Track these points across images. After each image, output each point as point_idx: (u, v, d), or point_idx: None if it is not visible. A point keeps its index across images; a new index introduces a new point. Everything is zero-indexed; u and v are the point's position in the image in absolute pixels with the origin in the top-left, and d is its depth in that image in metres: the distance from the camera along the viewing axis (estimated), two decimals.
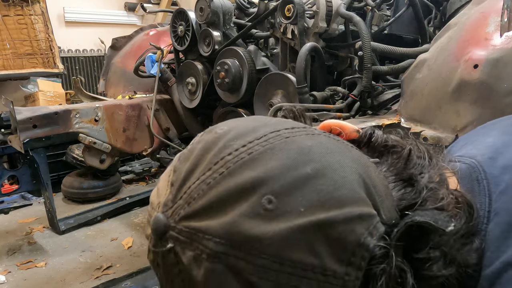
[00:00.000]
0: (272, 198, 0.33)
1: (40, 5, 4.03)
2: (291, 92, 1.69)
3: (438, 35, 1.26)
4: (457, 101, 1.10)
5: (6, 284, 2.24)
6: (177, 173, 0.38)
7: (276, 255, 0.32)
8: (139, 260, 2.46)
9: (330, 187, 0.35)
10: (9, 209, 2.61)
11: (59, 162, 3.56)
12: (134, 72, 2.42)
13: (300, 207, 0.33)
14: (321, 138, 0.40)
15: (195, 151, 0.38)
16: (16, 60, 3.96)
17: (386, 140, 0.47)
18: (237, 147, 0.36)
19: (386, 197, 0.39)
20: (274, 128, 0.39)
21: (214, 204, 0.34)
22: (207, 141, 0.38)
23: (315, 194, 0.34)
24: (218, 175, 0.35)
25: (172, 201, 0.36)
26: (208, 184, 0.35)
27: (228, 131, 0.39)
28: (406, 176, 0.42)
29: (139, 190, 3.77)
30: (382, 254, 0.35)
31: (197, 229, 0.34)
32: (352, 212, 0.34)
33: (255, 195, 0.33)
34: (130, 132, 2.21)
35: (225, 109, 2.05)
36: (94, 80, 4.87)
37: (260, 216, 0.33)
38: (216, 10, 1.97)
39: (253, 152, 0.36)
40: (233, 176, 0.34)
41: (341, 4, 1.69)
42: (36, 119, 1.84)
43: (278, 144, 0.37)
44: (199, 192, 0.35)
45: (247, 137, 0.37)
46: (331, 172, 0.36)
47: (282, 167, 0.35)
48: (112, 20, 5.19)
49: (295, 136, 0.38)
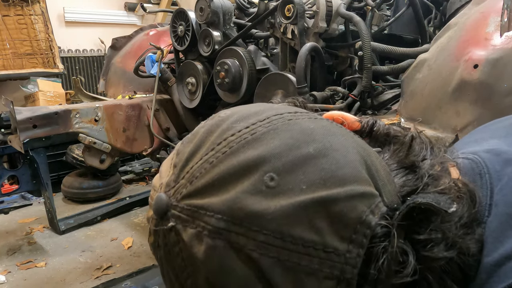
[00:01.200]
0: (274, 176, 0.33)
1: (40, 5, 4.03)
2: (291, 92, 1.69)
3: (438, 35, 1.26)
4: (457, 101, 1.10)
5: (6, 284, 2.24)
6: (180, 155, 0.38)
7: (277, 231, 0.32)
8: (139, 260, 2.46)
9: (333, 166, 0.35)
10: (9, 209, 2.61)
11: (59, 162, 3.56)
12: (134, 72, 2.42)
13: (302, 185, 0.33)
14: (324, 122, 0.41)
15: (198, 134, 0.39)
16: (16, 60, 3.96)
17: (388, 130, 0.47)
18: (240, 128, 0.37)
19: (389, 183, 0.39)
20: (277, 111, 0.39)
21: (216, 182, 0.34)
22: (210, 124, 0.39)
23: (317, 172, 0.34)
24: (221, 154, 0.35)
25: (174, 181, 0.36)
26: (211, 163, 0.35)
27: (231, 115, 0.39)
28: (408, 163, 0.42)
29: (139, 190, 3.77)
30: (384, 233, 0.35)
31: (199, 207, 0.34)
32: (354, 189, 0.35)
33: (257, 173, 0.33)
34: (130, 132, 2.21)
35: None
36: (94, 80, 4.87)
37: (262, 193, 0.33)
38: (216, 10, 1.97)
39: (256, 132, 0.36)
40: (235, 155, 0.35)
41: (341, 4, 1.69)
42: (36, 119, 1.84)
43: (280, 126, 0.37)
44: (202, 171, 0.35)
45: (250, 119, 0.38)
46: (333, 152, 0.36)
47: (284, 146, 0.35)
48: (112, 20, 5.19)
49: (298, 119, 0.39)
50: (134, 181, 4.05)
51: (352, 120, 0.49)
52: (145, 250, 2.60)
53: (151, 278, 2.15)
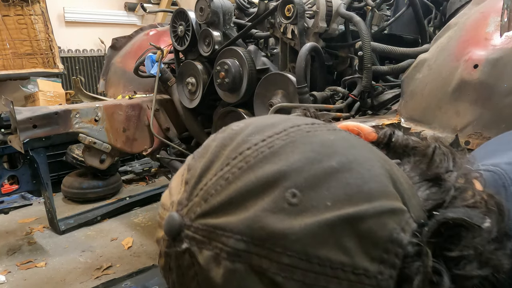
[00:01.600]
0: (296, 192, 0.31)
1: (40, 5, 4.03)
2: (291, 92, 1.69)
3: (438, 35, 1.26)
4: (457, 101, 1.10)
5: (6, 284, 2.25)
6: (192, 171, 0.35)
7: (303, 252, 0.30)
8: (139, 260, 2.46)
9: (358, 180, 0.33)
10: (9, 209, 2.62)
11: (59, 162, 3.56)
12: (134, 72, 2.42)
13: (326, 201, 0.31)
14: (343, 133, 0.39)
15: (211, 148, 0.36)
16: (16, 60, 3.96)
17: (406, 141, 0.45)
18: (256, 141, 0.34)
19: (413, 197, 0.37)
20: (294, 123, 0.37)
21: (234, 200, 0.32)
22: (223, 137, 0.37)
23: (341, 187, 0.32)
24: (237, 169, 0.33)
25: (187, 199, 0.34)
26: (227, 179, 0.33)
27: (245, 127, 0.37)
28: (431, 175, 0.40)
29: (139, 190, 3.78)
30: (416, 251, 0.33)
31: (215, 226, 0.31)
32: (383, 205, 0.32)
33: (278, 189, 0.31)
34: (130, 132, 2.21)
35: (225, 109, 2.05)
36: (94, 80, 4.87)
37: (284, 210, 0.31)
38: (216, 10, 1.97)
39: (273, 146, 0.34)
40: (253, 170, 0.32)
41: (341, 4, 1.69)
42: (36, 119, 1.84)
43: (299, 138, 0.35)
44: (217, 188, 0.33)
45: (266, 132, 0.35)
46: (357, 165, 0.34)
47: (305, 160, 0.33)
48: (112, 20, 5.19)
49: (317, 131, 0.37)
50: (134, 181, 4.05)
51: (368, 131, 0.47)
52: (145, 250, 2.61)
53: (151, 278, 2.15)
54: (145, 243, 2.69)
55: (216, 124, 2.12)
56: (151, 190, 3.68)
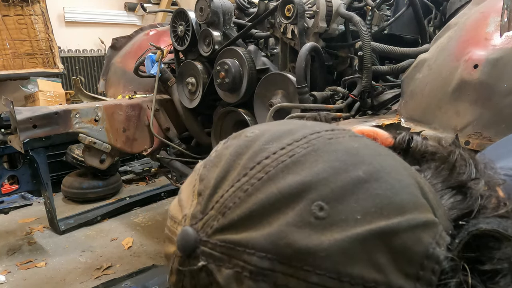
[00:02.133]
0: (323, 205, 0.29)
1: (40, 5, 4.03)
2: (291, 92, 1.69)
3: (438, 35, 1.26)
4: (457, 101, 1.10)
5: (6, 284, 2.25)
6: (205, 181, 0.33)
7: (333, 270, 0.28)
8: (139, 260, 2.46)
9: (388, 191, 0.31)
10: (9, 209, 2.62)
11: (59, 162, 3.56)
12: (134, 72, 2.42)
13: (356, 214, 0.29)
14: (366, 140, 0.36)
15: (225, 157, 0.34)
16: (16, 60, 3.96)
17: (426, 146, 0.43)
18: (275, 149, 0.32)
19: (439, 206, 0.35)
20: (313, 129, 0.35)
21: (255, 213, 0.29)
22: (238, 145, 0.34)
23: (371, 199, 0.30)
24: (256, 180, 0.30)
25: (201, 212, 0.31)
26: (246, 191, 0.30)
27: (261, 134, 0.34)
28: (455, 183, 0.38)
29: (139, 190, 3.78)
30: (452, 267, 0.31)
31: (236, 243, 0.29)
32: (416, 218, 0.30)
33: (303, 202, 0.29)
34: (130, 132, 2.21)
35: (225, 109, 2.05)
36: (94, 80, 4.87)
37: (311, 225, 0.28)
38: (216, 10, 1.97)
39: (294, 154, 0.31)
40: (274, 182, 0.30)
41: (341, 4, 1.69)
42: (36, 119, 1.84)
43: (321, 146, 0.32)
44: (235, 201, 0.30)
45: (284, 140, 0.33)
46: (385, 175, 0.32)
47: (331, 170, 0.31)
48: (112, 20, 5.19)
49: (339, 138, 0.34)
50: (134, 181, 4.06)
51: (385, 136, 0.44)
52: (145, 250, 2.61)
53: (151, 278, 2.15)
54: (145, 243, 2.69)
55: (216, 124, 2.12)
56: (151, 190, 3.69)
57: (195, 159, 2.33)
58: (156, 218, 3.14)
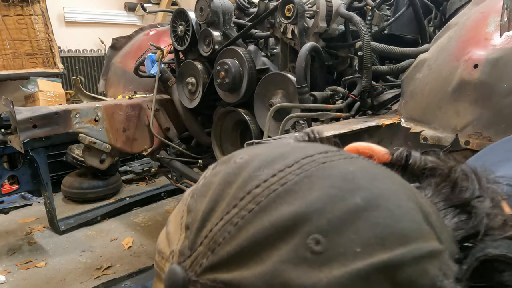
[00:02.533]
0: (320, 238, 0.27)
1: (40, 5, 4.03)
2: (291, 92, 1.69)
3: (438, 35, 1.26)
4: (457, 101, 1.10)
5: (6, 284, 2.25)
6: (193, 213, 0.31)
7: None
8: (139, 260, 2.46)
9: (388, 219, 0.28)
10: (9, 209, 2.62)
11: (59, 162, 3.56)
12: (134, 72, 2.42)
13: (355, 247, 0.27)
14: (361, 162, 0.34)
15: (213, 185, 0.31)
16: (16, 60, 3.96)
17: (425, 162, 0.40)
18: (266, 177, 0.30)
19: (443, 228, 0.33)
20: (305, 153, 0.32)
21: (246, 250, 0.27)
22: (227, 173, 0.32)
23: (371, 229, 0.28)
24: (246, 212, 0.28)
25: (189, 248, 0.29)
26: (236, 224, 0.28)
27: (250, 160, 0.32)
28: (457, 201, 0.36)
29: (139, 190, 3.78)
30: None
31: (227, 283, 0.27)
32: (420, 248, 0.28)
33: (298, 235, 0.27)
34: (130, 132, 2.21)
35: (225, 109, 2.05)
36: (94, 80, 4.87)
37: (307, 261, 0.26)
38: (216, 10, 1.97)
39: (286, 182, 0.29)
40: (266, 213, 0.28)
41: (341, 4, 1.69)
42: (36, 119, 1.84)
43: (315, 171, 0.30)
44: (225, 235, 0.28)
45: (275, 165, 0.31)
46: (384, 201, 0.29)
47: (326, 198, 0.28)
48: (112, 20, 5.19)
49: (333, 161, 0.32)
50: (134, 181, 4.06)
51: (381, 153, 0.42)
52: (145, 250, 2.61)
53: (151, 278, 2.15)
54: (145, 243, 2.69)
55: (216, 124, 2.12)
56: (151, 190, 3.69)
57: (195, 159, 2.34)
58: (156, 218, 3.14)
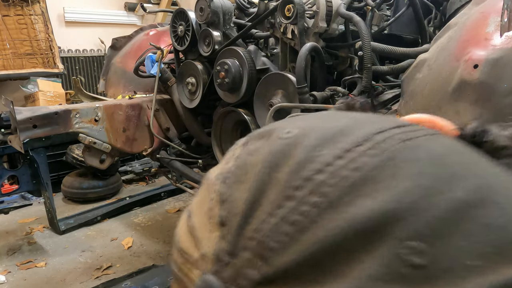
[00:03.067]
0: (420, 246, 0.19)
1: (40, 5, 4.03)
2: (291, 92, 1.69)
3: (438, 35, 1.26)
4: (457, 101, 1.10)
5: (6, 284, 2.25)
6: (229, 204, 0.23)
7: None
8: (139, 260, 2.46)
9: (500, 219, 0.21)
10: (9, 209, 2.62)
11: (59, 162, 3.56)
12: (134, 72, 2.42)
13: (465, 259, 0.19)
14: (446, 140, 0.26)
15: (252, 168, 0.24)
16: (16, 60, 3.96)
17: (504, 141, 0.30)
18: (329, 159, 0.22)
19: None
20: (376, 126, 0.24)
21: (314, 260, 0.20)
22: (270, 152, 0.24)
23: (482, 234, 0.20)
24: (309, 207, 0.21)
25: (229, 253, 0.22)
26: (294, 223, 0.20)
27: (303, 135, 0.24)
28: None
29: (139, 190, 3.78)
30: None
31: None
32: None
33: (388, 242, 0.19)
34: (130, 132, 2.21)
35: (225, 109, 2.05)
36: (94, 80, 4.87)
37: (405, 278, 0.19)
38: (216, 10, 1.97)
39: (361, 166, 0.21)
40: (338, 210, 0.20)
41: (341, 4, 1.69)
42: (36, 119, 1.84)
43: (397, 153, 0.22)
44: (279, 238, 0.20)
45: (339, 143, 0.23)
46: (491, 193, 0.22)
47: (419, 190, 0.21)
48: (112, 20, 5.20)
49: (416, 138, 0.24)
50: (134, 181, 4.06)
51: (449, 128, 0.33)
52: (145, 250, 2.61)
53: (151, 278, 2.15)
54: (145, 243, 2.69)
55: (216, 124, 2.12)
56: (151, 190, 3.69)
57: (195, 159, 2.34)
58: (156, 218, 3.14)
